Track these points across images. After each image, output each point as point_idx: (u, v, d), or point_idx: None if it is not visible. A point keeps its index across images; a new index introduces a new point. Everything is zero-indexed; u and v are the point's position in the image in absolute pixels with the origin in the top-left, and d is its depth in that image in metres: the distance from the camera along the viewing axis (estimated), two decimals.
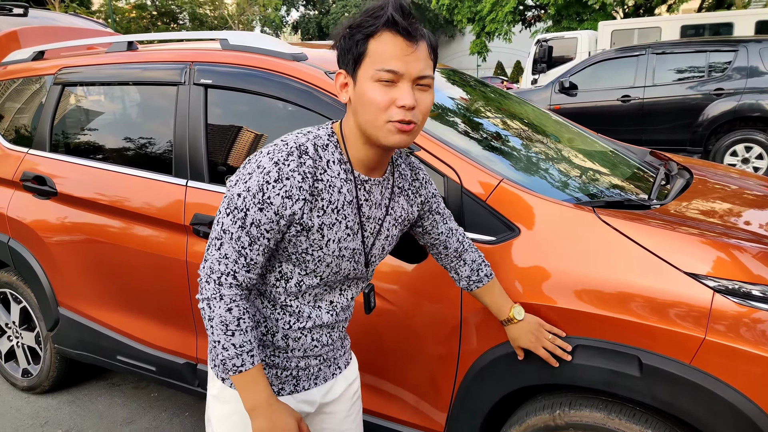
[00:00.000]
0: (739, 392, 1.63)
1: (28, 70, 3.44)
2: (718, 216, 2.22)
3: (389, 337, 2.21)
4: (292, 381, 1.59)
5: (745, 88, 8.08)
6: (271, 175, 1.34)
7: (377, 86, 1.32)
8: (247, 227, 1.35)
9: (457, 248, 1.81)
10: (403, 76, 1.32)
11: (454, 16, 31.91)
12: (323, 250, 1.44)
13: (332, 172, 1.41)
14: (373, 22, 1.31)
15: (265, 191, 1.33)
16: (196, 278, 2.57)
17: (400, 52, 1.31)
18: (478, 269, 1.83)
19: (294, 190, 1.34)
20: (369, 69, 1.32)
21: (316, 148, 1.40)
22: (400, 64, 1.31)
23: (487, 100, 3.20)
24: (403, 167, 1.63)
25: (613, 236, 1.86)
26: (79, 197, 2.95)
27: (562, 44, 17.12)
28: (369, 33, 1.31)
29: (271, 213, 1.34)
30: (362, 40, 1.32)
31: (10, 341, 3.65)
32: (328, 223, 1.42)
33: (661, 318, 1.73)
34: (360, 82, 1.34)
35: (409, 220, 1.67)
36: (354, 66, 1.35)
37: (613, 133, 8.52)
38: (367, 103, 1.33)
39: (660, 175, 2.66)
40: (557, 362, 1.84)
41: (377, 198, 1.51)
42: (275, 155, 1.36)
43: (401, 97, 1.31)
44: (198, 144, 2.62)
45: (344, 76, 1.39)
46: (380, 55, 1.31)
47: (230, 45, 2.67)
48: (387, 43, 1.31)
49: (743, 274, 1.74)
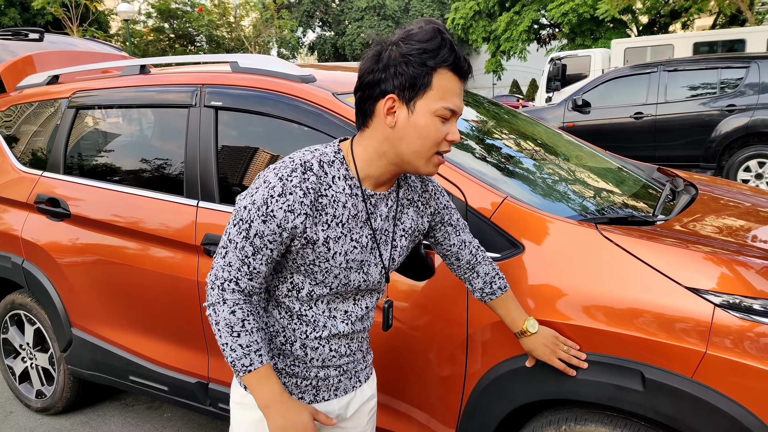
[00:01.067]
0: (741, 406, 1.63)
1: (43, 94, 3.52)
2: (721, 231, 2.22)
3: (398, 355, 2.22)
4: (312, 391, 1.61)
5: (757, 103, 8.07)
6: (276, 190, 1.38)
7: (437, 121, 1.39)
8: (251, 238, 1.40)
9: (470, 260, 1.82)
10: (456, 114, 1.42)
11: (470, 36, 32.16)
12: (330, 263, 1.47)
13: (337, 188, 1.45)
14: (440, 55, 1.36)
15: (269, 205, 1.38)
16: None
17: (460, 92, 1.40)
18: (492, 282, 1.83)
19: (296, 205, 1.38)
20: (433, 103, 1.37)
21: (322, 164, 1.44)
22: (459, 104, 1.41)
23: (493, 118, 3.23)
24: (412, 179, 1.66)
25: (614, 252, 1.87)
26: (92, 219, 3.00)
27: (575, 62, 17.21)
28: (434, 66, 1.36)
29: (273, 225, 1.39)
30: (428, 72, 1.36)
31: (24, 362, 3.69)
32: (333, 237, 1.45)
33: (663, 332, 1.73)
34: (419, 113, 1.38)
35: (420, 231, 1.69)
36: (412, 94, 1.38)
37: (627, 150, 8.58)
38: (423, 136, 1.39)
39: (665, 191, 2.66)
40: (574, 372, 1.84)
41: (383, 211, 1.55)
42: (280, 171, 1.40)
43: (454, 133, 1.42)
44: (209, 165, 2.66)
45: (394, 101, 1.40)
46: (446, 92, 1.38)
47: (240, 68, 2.73)
48: (451, 81, 1.38)
49: (745, 288, 1.74)
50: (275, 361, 1.58)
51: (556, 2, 25.88)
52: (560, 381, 1.87)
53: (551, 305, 1.91)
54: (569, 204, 2.34)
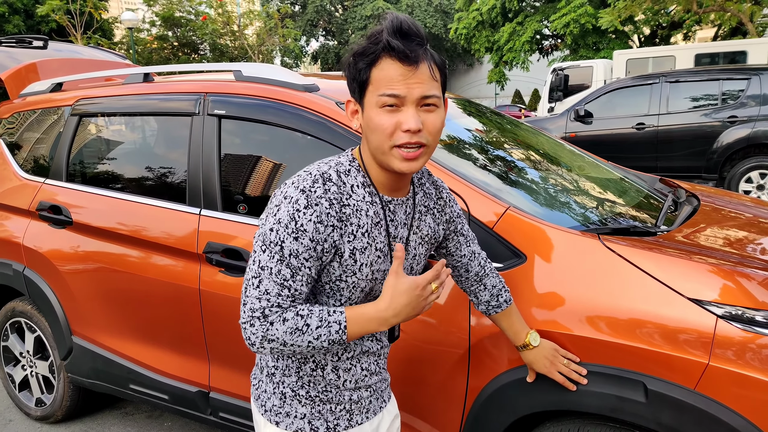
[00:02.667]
0: (744, 418, 1.62)
1: (46, 101, 3.53)
2: (723, 242, 2.22)
3: (400, 365, 2.22)
4: (346, 416, 1.56)
5: (758, 115, 8.09)
6: (300, 203, 1.33)
7: (382, 112, 1.33)
8: (287, 259, 1.33)
9: (478, 272, 1.79)
10: (405, 99, 1.32)
11: (472, 46, 32.32)
12: (357, 275, 1.43)
13: (357, 196, 1.41)
14: (373, 49, 1.32)
15: (297, 219, 1.32)
16: (208, 306, 2.60)
17: (399, 76, 1.31)
18: (498, 295, 1.81)
19: (323, 216, 1.33)
20: (373, 95, 1.33)
21: (339, 174, 1.40)
22: (401, 88, 1.31)
23: (496, 128, 3.23)
24: (427, 186, 1.63)
25: (617, 263, 1.87)
26: (94, 226, 3.00)
27: (577, 73, 17.28)
28: (370, 61, 1.33)
29: (306, 240, 1.33)
30: (365, 68, 1.34)
31: (24, 370, 3.68)
32: (360, 248, 1.41)
33: (665, 344, 1.73)
34: (366, 109, 1.36)
35: (436, 239, 1.65)
36: (360, 93, 1.37)
37: (629, 160, 8.58)
38: (374, 129, 1.34)
39: (668, 202, 2.66)
40: (574, 386, 1.84)
41: (401, 218, 1.51)
42: (300, 184, 1.35)
43: (405, 120, 1.32)
44: (211, 173, 2.66)
45: (353, 104, 1.42)
46: (381, 81, 1.32)
47: (243, 76, 2.74)
48: (387, 68, 1.32)
49: (747, 300, 1.74)
50: (307, 389, 1.51)
51: (559, 13, 26.01)
52: (562, 392, 1.86)
53: (554, 315, 1.91)
54: (572, 214, 2.34)
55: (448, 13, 45.66)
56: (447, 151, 2.49)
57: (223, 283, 2.53)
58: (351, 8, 49.01)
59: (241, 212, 2.58)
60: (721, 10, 17.17)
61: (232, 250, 2.50)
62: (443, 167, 2.20)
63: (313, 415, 1.52)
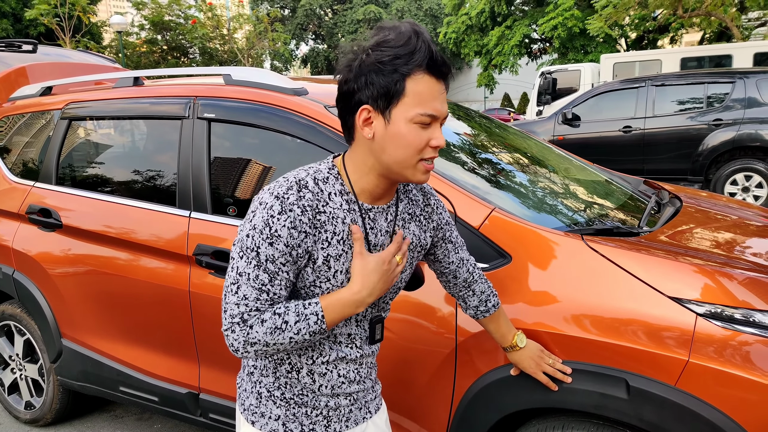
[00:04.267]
0: (723, 413, 1.66)
1: (36, 105, 3.54)
2: (704, 242, 2.27)
3: (387, 364, 2.24)
4: (323, 422, 1.54)
5: (743, 118, 8.19)
6: (275, 209, 1.32)
7: (416, 128, 1.31)
8: (263, 264, 1.33)
9: (467, 278, 1.78)
10: (438, 119, 1.33)
11: (462, 49, 32.48)
12: (331, 282, 1.41)
13: (334, 204, 1.40)
14: (414, 60, 1.29)
15: (271, 225, 1.32)
16: (198, 308, 2.62)
17: (438, 95, 1.32)
18: (487, 300, 1.81)
19: (297, 222, 1.33)
20: (409, 110, 1.30)
21: (317, 181, 1.39)
22: (439, 108, 1.32)
23: (482, 131, 3.27)
24: (414, 193, 1.60)
25: (599, 262, 1.91)
26: (84, 229, 3.01)
27: (565, 76, 17.40)
28: (407, 72, 1.29)
29: (281, 245, 1.33)
30: (401, 79, 1.29)
31: (14, 373, 3.68)
32: (334, 255, 1.40)
33: (647, 341, 1.77)
34: (396, 122, 1.32)
35: (423, 246, 1.63)
36: (387, 103, 1.32)
37: (616, 163, 8.65)
38: (403, 145, 1.32)
39: (651, 203, 2.71)
40: (556, 386, 1.87)
41: (382, 225, 1.49)
42: (275, 190, 1.35)
43: (437, 138, 1.33)
44: (201, 176, 2.69)
45: (369, 112, 1.34)
46: (421, 98, 1.30)
47: (233, 80, 2.76)
48: (427, 84, 1.31)
49: (727, 298, 1.78)
50: (282, 391, 1.51)
51: (547, 17, 26.20)
52: (547, 390, 1.90)
53: (538, 314, 1.94)
54: (556, 215, 2.38)
55: (437, 17, 45.82)
56: None
57: (213, 284, 2.55)
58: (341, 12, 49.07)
59: (231, 215, 2.61)
60: (706, 15, 17.34)
61: (221, 252, 2.52)
62: None
63: (288, 417, 1.51)
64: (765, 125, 8.07)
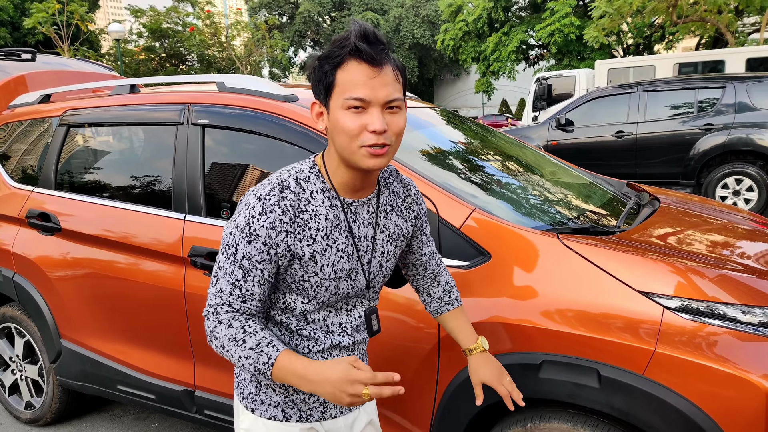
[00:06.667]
0: (688, 400, 1.76)
1: (35, 112, 3.63)
2: (676, 240, 2.36)
3: (373, 358, 2.33)
4: (320, 408, 1.62)
5: (733, 123, 8.29)
6: (256, 210, 1.41)
7: (348, 114, 1.37)
8: (239, 261, 1.43)
9: (434, 270, 1.85)
10: (371, 103, 1.37)
11: (459, 56, 32.59)
12: (319, 276, 1.49)
13: (316, 202, 1.47)
14: (339, 52, 1.37)
15: (251, 225, 1.41)
16: (193, 307, 2.71)
17: (366, 79, 1.36)
18: (450, 291, 1.87)
19: (276, 222, 1.41)
20: (339, 98, 1.38)
21: (298, 181, 1.47)
22: (367, 91, 1.36)
23: (467, 135, 3.36)
24: (395, 185, 1.67)
25: (573, 259, 2.01)
26: (82, 233, 3.10)
27: (561, 82, 17.51)
28: (336, 63, 1.37)
29: (259, 244, 1.41)
30: (330, 71, 1.38)
31: (14, 374, 3.76)
32: (319, 250, 1.47)
33: (617, 333, 1.87)
34: (332, 111, 1.40)
35: (405, 235, 1.68)
36: (326, 96, 1.41)
37: (609, 167, 8.76)
38: (340, 131, 1.38)
39: (629, 203, 2.81)
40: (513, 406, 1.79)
41: (364, 217, 1.56)
42: (259, 191, 1.44)
43: (371, 122, 1.36)
44: (196, 180, 2.78)
45: (319, 106, 1.45)
46: (347, 84, 1.36)
47: (226, 87, 2.85)
48: (353, 71, 1.36)
49: (694, 292, 1.88)
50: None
51: (543, 23, 26.33)
52: (524, 380, 1.99)
53: (515, 309, 2.04)
54: (535, 215, 2.47)
55: (435, 23, 45.97)
56: (418, 156, 2.61)
57: (207, 285, 2.64)
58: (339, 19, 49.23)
59: (225, 217, 2.70)
60: (701, 21, 17.47)
61: (215, 254, 2.61)
62: (413, 171, 2.33)
63: (287, 404, 1.59)
64: (755, 129, 8.16)
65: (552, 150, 9.57)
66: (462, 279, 2.14)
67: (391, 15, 46.97)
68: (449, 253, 2.20)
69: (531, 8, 31.30)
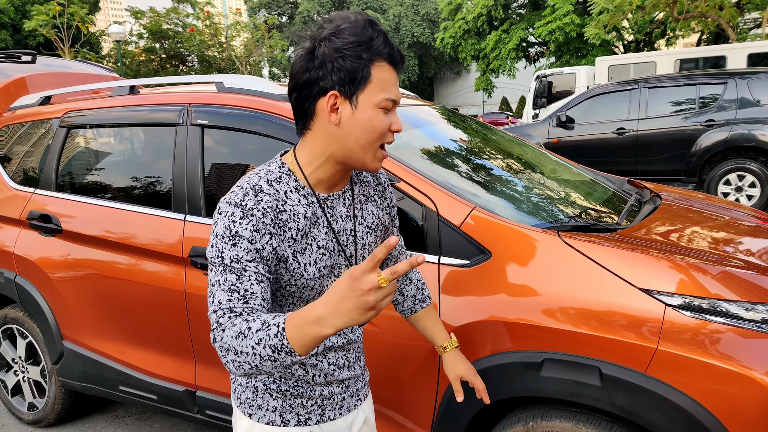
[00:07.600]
0: (691, 398, 1.75)
1: (35, 114, 3.63)
2: (677, 237, 2.35)
3: (374, 357, 2.33)
4: (318, 411, 1.59)
5: (735, 118, 8.26)
6: (236, 215, 1.34)
7: (380, 113, 1.37)
8: (228, 266, 1.34)
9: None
10: (397, 104, 1.40)
11: (459, 54, 32.57)
12: (305, 277, 1.45)
13: (292, 201, 1.43)
14: (374, 47, 1.34)
15: (232, 229, 1.34)
16: (194, 308, 2.71)
17: (396, 82, 1.38)
18: (422, 288, 1.83)
19: (260, 225, 1.35)
20: (375, 96, 1.35)
21: (270, 183, 1.41)
22: (398, 94, 1.39)
23: (466, 133, 3.36)
24: (364, 174, 1.64)
25: (574, 256, 2.00)
26: (83, 234, 3.10)
27: (561, 79, 17.49)
28: (370, 58, 1.34)
29: (245, 243, 1.34)
30: (366, 65, 1.34)
31: (17, 376, 3.77)
32: (300, 250, 1.43)
33: (618, 330, 1.86)
34: (362, 107, 1.36)
35: (383, 224, 1.66)
36: (354, 89, 1.35)
37: (610, 164, 8.74)
38: (369, 129, 1.36)
39: (631, 201, 2.80)
40: (488, 399, 1.80)
41: (342, 211, 1.52)
42: (232, 199, 1.37)
43: (396, 123, 1.40)
44: (195, 180, 2.77)
45: (336, 98, 1.36)
46: (385, 84, 1.36)
47: (225, 87, 2.85)
48: (388, 72, 1.37)
49: (696, 289, 1.87)
50: (278, 384, 1.54)
51: (543, 21, 26.30)
52: (526, 379, 1.98)
53: (516, 307, 2.03)
54: (535, 213, 2.46)
55: (434, 22, 45.96)
56: (418, 155, 2.61)
57: (208, 285, 2.63)
58: None
59: None
60: (702, 16, 17.45)
61: None
62: (413, 170, 2.33)
63: (284, 408, 1.56)
64: (757, 125, 8.13)
65: (553, 147, 9.55)
66: (462, 277, 2.13)
67: (390, 14, 46.96)
68: (449, 252, 2.19)
69: (531, 5, 31.28)
